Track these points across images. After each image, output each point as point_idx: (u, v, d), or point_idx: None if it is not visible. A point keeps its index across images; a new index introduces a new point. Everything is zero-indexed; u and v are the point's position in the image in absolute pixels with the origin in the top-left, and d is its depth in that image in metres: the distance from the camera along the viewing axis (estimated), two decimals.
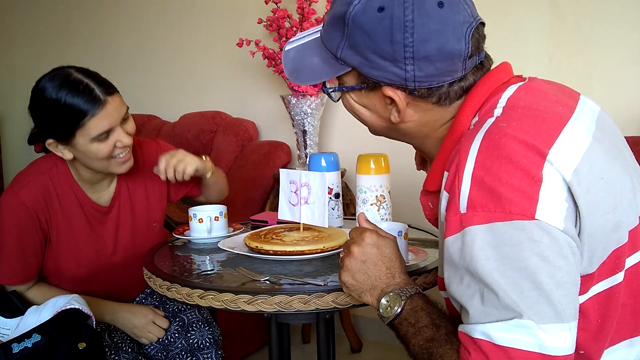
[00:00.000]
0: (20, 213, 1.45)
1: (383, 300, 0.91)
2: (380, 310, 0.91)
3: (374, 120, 0.97)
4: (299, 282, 1.12)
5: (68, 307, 1.35)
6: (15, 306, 1.45)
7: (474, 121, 0.88)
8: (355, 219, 1.51)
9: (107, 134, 1.39)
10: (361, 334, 2.64)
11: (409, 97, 0.90)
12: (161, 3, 3.18)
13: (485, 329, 0.75)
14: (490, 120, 0.82)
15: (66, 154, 1.43)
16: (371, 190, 1.43)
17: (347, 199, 2.33)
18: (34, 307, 1.41)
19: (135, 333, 1.55)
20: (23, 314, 1.40)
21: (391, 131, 0.98)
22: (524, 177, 0.74)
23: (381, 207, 1.43)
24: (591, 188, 0.77)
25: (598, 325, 0.81)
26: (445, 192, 0.82)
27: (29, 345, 1.27)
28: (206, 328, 1.61)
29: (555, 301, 0.73)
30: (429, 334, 0.84)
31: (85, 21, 3.48)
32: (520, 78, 0.93)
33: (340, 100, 1.00)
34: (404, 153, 2.31)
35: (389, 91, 0.90)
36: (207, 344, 1.59)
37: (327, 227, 1.31)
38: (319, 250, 1.23)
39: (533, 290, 0.73)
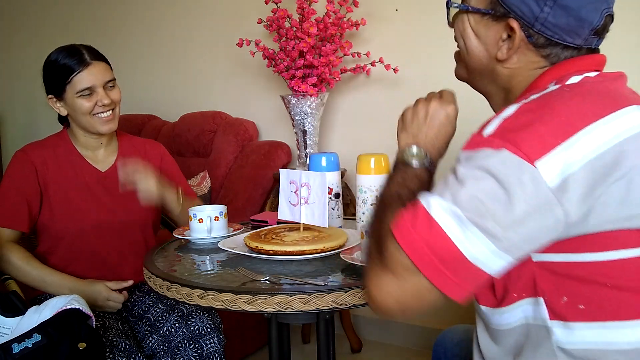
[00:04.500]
0: (21, 164, 1.71)
1: (414, 148, 0.99)
2: (406, 152, 0.99)
3: (477, 52, 0.97)
4: (299, 282, 1.12)
5: (68, 307, 1.35)
6: (15, 306, 1.45)
7: (550, 86, 0.89)
8: (355, 219, 1.51)
9: (89, 91, 1.65)
10: (361, 334, 2.64)
11: (524, 41, 0.91)
12: (161, 3, 3.18)
13: (431, 197, 0.81)
14: (558, 85, 0.87)
15: (62, 110, 1.71)
16: (371, 190, 1.43)
17: (347, 199, 2.33)
18: (34, 307, 1.41)
19: (94, 309, 1.64)
20: (23, 314, 1.40)
21: (485, 73, 0.99)
22: (553, 129, 0.78)
23: None
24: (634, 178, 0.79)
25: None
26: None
27: (29, 345, 1.27)
28: (205, 315, 1.63)
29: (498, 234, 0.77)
30: (400, 190, 0.93)
31: (85, 22, 3.48)
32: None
33: (453, 21, 1.00)
34: None
35: (515, 24, 0.90)
36: (208, 329, 1.60)
37: (327, 227, 1.31)
38: (319, 250, 1.23)
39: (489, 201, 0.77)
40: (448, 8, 1.00)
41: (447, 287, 0.78)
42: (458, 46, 1.02)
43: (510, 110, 0.83)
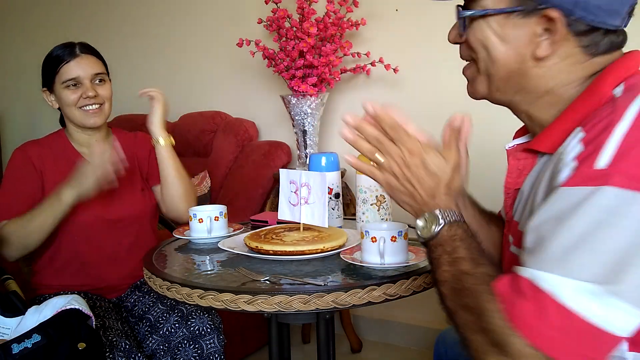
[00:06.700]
0: (20, 161, 1.73)
1: (419, 222, 0.89)
2: (418, 229, 0.90)
3: (506, 58, 0.87)
4: (299, 282, 1.12)
5: (68, 307, 1.35)
6: (15, 306, 1.45)
7: (617, 89, 0.82)
8: (355, 219, 1.51)
9: (75, 82, 1.69)
10: (361, 334, 2.64)
11: (564, 32, 0.83)
12: (161, 3, 3.18)
13: (552, 277, 0.71)
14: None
15: (54, 103, 1.76)
16: (371, 190, 1.43)
17: (347, 199, 2.33)
18: (34, 307, 1.41)
19: (100, 183, 1.58)
20: (23, 314, 1.40)
21: (513, 80, 0.89)
22: None
23: (381, 207, 1.43)
24: None
25: None
26: (581, 144, 0.77)
27: (29, 345, 1.27)
28: (206, 315, 1.63)
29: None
30: (465, 267, 0.82)
31: (86, 22, 3.48)
32: None
33: (467, 32, 0.90)
34: None
35: (555, 13, 0.81)
36: (208, 329, 1.61)
37: (327, 227, 1.31)
38: (319, 250, 1.23)
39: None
40: (462, 19, 0.90)
41: None
42: (476, 59, 0.91)
43: (623, 126, 0.73)
